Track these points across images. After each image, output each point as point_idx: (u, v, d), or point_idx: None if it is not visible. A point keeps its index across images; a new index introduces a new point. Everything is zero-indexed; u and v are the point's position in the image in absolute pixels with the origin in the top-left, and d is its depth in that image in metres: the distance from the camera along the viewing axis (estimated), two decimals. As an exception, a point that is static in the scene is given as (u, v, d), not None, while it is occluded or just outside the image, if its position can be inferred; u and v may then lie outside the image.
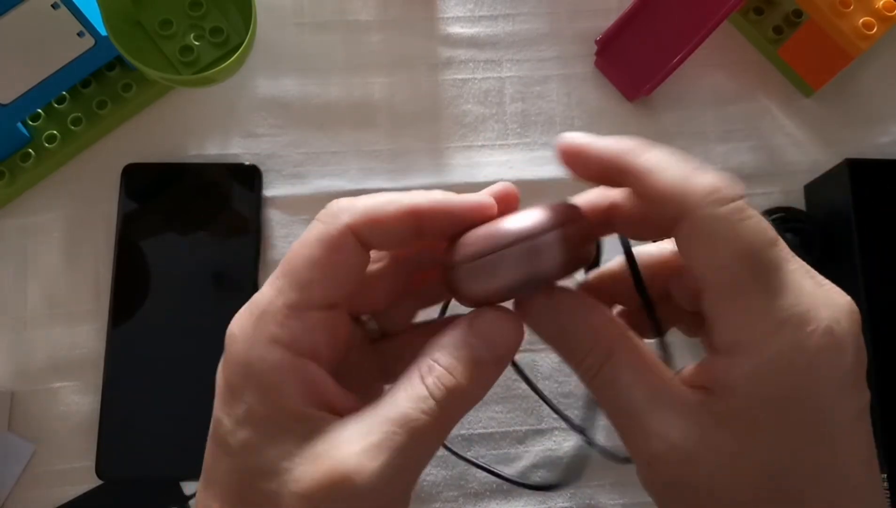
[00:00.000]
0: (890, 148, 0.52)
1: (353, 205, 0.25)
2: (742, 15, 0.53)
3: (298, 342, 0.24)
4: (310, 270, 0.24)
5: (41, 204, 0.49)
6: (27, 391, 0.46)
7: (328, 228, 0.24)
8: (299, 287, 0.24)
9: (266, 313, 0.24)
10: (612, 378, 0.24)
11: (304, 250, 0.24)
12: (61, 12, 0.42)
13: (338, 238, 0.24)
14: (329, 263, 0.24)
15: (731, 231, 0.23)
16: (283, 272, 0.24)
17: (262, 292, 0.24)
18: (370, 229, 0.24)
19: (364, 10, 0.53)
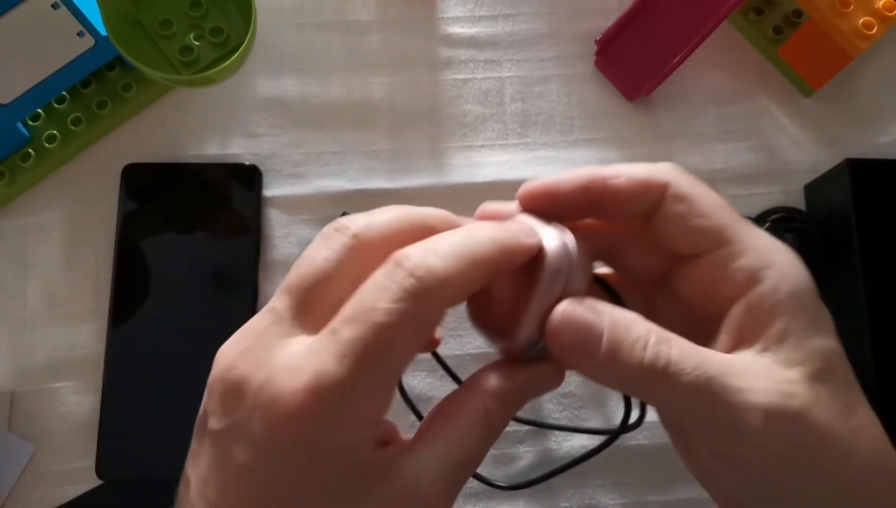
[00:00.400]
0: (890, 148, 0.52)
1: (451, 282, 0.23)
2: (742, 15, 0.53)
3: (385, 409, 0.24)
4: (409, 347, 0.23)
5: (41, 204, 0.49)
6: (27, 391, 0.46)
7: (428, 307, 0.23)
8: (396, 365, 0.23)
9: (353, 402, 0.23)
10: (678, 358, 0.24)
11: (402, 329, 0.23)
12: (61, 12, 0.42)
13: (437, 313, 0.24)
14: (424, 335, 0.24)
15: (710, 196, 0.26)
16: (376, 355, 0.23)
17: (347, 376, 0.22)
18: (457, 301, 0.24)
19: (364, 10, 0.53)
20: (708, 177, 0.51)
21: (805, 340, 0.25)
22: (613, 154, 0.52)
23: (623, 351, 0.24)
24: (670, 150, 0.52)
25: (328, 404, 0.22)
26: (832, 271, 0.49)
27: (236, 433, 0.23)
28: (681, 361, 0.24)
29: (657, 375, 0.23)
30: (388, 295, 0.22)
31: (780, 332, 0.25)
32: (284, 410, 0.22)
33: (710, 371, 0.23)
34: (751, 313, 0.25)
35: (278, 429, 0.23)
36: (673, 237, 0.27)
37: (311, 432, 0.22)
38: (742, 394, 0.23)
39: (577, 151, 0.52)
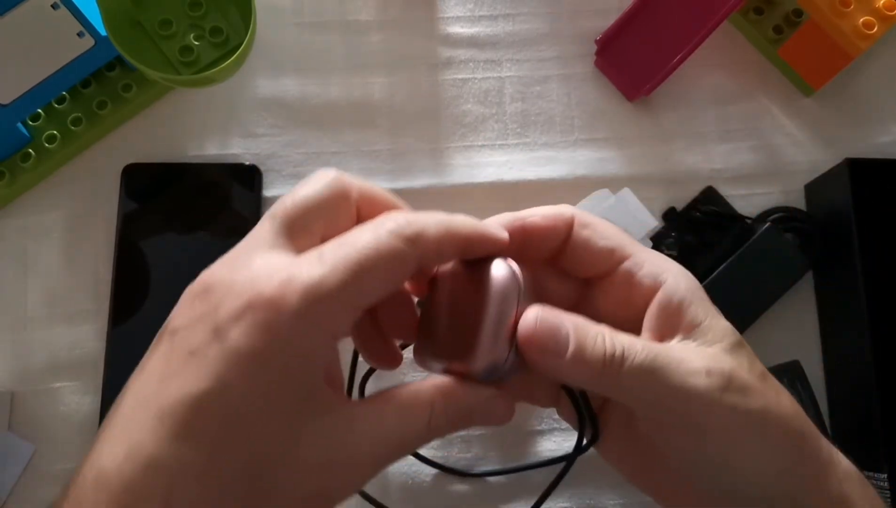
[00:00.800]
0: (890, 148, 0.52)
1: (427, 232, 0.26)
2: (742, 15, 0.53)
3: (339, 332, 0.25)
4: (380, 283, 0.25)
5: (41, 204, 0.49)
6: (27, 391, 0.46)
7: (406, 249, 0.25)
8: (364, 292, 0.25)
9: (326, 305, 0.24)
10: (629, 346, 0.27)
11: (378, 262, 0.25)
12: (61, 12, 0.42)
13: (410, 262, 0.26)
14: (392, 277, 0.26)
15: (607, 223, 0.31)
16: (351, 271, 0.24)
17: (321, 277, 0.24)
18: (434, 257, 0.27)
19: (364, 10, 0.53)
20: (708, 177, 0.51)
21: (712, 323, 0.30)
22: (613, 154, 0.52)
23: (587, 348, 0.27)
24: (670, 150, 0.52)
25: (299, 297, 0.23)
26: (832, 271, 0.49)
27: (198, 322, 0.24)
28: (631, 348, 0.27)
29: (615, 364, 0.27)
30: (376, 237, 0.25)
31: (691, 321, 0.29)
32: (255, 297, 0.23)
33: (655, 351, 0.27)
34: (663, 311, 0.30)
35: (245, 314, 0.23)
36: (584, 261, 0.31)
37: (277, 322, 0.23)
38: (685, 363, 0.27)
39: (577, 151, 0.52)
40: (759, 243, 0.47)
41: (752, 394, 0.28)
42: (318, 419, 0.24)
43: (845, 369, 0.47)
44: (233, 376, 0.23)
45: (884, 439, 0.43)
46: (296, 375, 0.24)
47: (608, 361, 0.27)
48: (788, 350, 0.48)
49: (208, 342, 0.23)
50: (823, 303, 0.50)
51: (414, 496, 0.46)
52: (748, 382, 0.28)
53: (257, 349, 0.23)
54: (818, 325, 0.50)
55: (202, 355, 0.23)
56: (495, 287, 0.28)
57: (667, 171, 0.51)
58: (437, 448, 0.46)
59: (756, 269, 0.47)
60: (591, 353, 0.27)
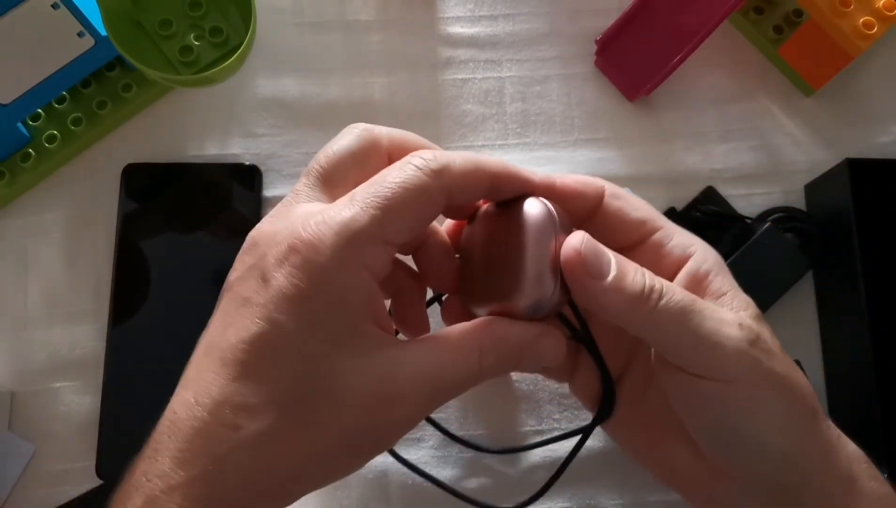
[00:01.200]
0: (890, 148, 0.52)
1: (453, 167, 0.27)
2: (742, 14, 0.53)
3: (376, 269, 0.26)
4: (405, 214, 0.26)
5: (41, 204, 0.49)
6: (27, 391, 0.46)
7: (431, 183, 0.26)
8: (394, 226, 0.26)
9: (359, 239, 0.25)
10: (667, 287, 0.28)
11: (405, 195, 0.26)
12: (61, 12, 0.42)
13: (436, 195, 0.27)
14: (422, 212, 0.27)
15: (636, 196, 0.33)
16: (381, 207, 0.26)
17: (353, 215, 0.25)
18: (461, 192, 0.27)
19: (364, 10, 0.53)
20: (708, 177, 0.51)
21: (737, 294, 0.31)
22: (613, 154, 0.52)
23: (628, 277, 0.28)
24: (670, 150, 0.52)
25: (334, 235, 0.25)
26: (832, 271, 0.49)
27: (248, 273, 0.26)
28: (669, 289, 0.28)
29: (654, 297, 0.27)
30: (403, 173, 0.26)
31: (718, 289, 0.30)
32: (294, 241, 0.25)
33: (692, 296, 0.28)
34: (692, 279, 0.31)
35: (287, 258, 0.25)
36: (616, 230, 0.32)
37: (316, 261, 0.25)
38: (720, 313, 0.29)
39: (577, 151, 0.52)
40: (759, 243, 0.47)
41: (777, 359, 0.29)
42: (365, 355, 0.25)
43: (845, 369, 0.47)
44: (280, 315, 0.25)
45: (884, 439, 0.43)
46: (337, 310, 0.25)
47: (647, 293, 0.27)
48: (788, 350, 0.48)
49: (258, 288, 0.25)
50: (823, 303, 0.50)
51: (414, 496, 0.46)
52: (774, 347, 0.29)
53: (300, 288, 0.25)
54: (818, 325, 0.50)
55: (253, 302, 0.25)
56: (531, 223, 0.28)
57: (667, 171, 0.51)
58: (437, 450, 0.46)
59: (756, 269, 0.47)
60: (632, 281, 0.27)
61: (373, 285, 0.26)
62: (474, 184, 0.28)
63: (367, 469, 0.46)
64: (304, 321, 0.25)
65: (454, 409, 0.47)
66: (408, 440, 0.46)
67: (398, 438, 0.27)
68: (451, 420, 0.47)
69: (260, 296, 0.25)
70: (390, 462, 0.46)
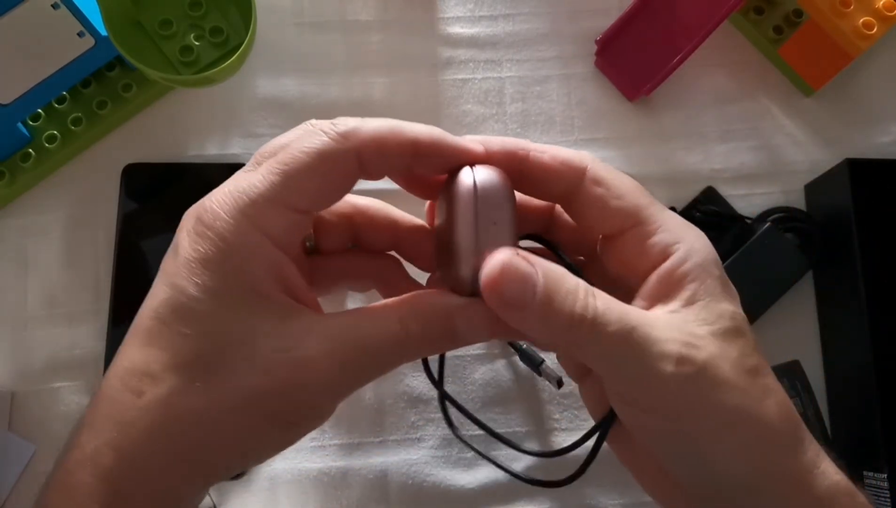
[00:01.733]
0: (890, 148, 0.52)
1: (362, 128, 0.26)
2: (742, 15, 0.53)
3: (277, 234, 0.26)
4: (306, 177, 0.26)
5: (41, 204, 0.49)
6: (27, 391, 0.46)
7: (336, 146, 0.26)
8: (291, 189, 0.26)
9: (255, 202, 0.25)
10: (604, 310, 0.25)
11: (304, 158, 0.26)
12: (61, 12, 0.42)
13: (341, 158, 0.26)
14: (326, 176, 0.26)
15: (626, 180, 0.29)
16: (280, 172, 0.26)
17: (250, 180, 0.26)
18: (374, 156, 0.26)
19: (364, 10, 0.53)
20: (708, 177, 0.51)
21: (712, 304, 0.27)
22: (613, 154, 0.52)
23: (556, 302, 0.25)
24: (670, 150, 0.52)
25: (232, 200, 0.25)
26: (832, 271, 0.49)
27: (170, 246, 0.27)
28: (606, 313, 0.25)
29: (585, 325, 0.25)
30: (306, 138, 0.26)
31: (689, 296, 0.27)
32: (200, 209, 0.26)
33: (632, 323, 0.25)
34: (662, 282, 0.27)
35: (192, 226, 0.26)
36: (594, 219, 0.29)
37: (214, 226, 0.25)
38: (659, 345, 0.25)
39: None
40: (759, 243, 0.47)
41: (728, 390, 0.26)
42: (268, 320, 0.25)
43: (845, 369, 0.47)
44: (182, 281, 0.25)
45: (884, 439, 0.43)
46: (237, 275, 0.25)
47: (577, 322, 0.25)
48: (788, 350, 0.49)
49: (171, 259, 0.26)
50: (823, 303, 0.50)
51: (414, 496, 0.46)
52: (726, 376, 0.26)
53: (200, 252, 0.25)
54: (818, 325, 0.50)
55: (165, 271, 0.26)
56: (459, 197, 0.27)
57: (667, 171, 0.51)
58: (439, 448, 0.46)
59: (756, 269, 0.47)
60: (559, 309, 0.25)
61: (274, 250, 0.26)
62: (391, 149, 0.26)
63: (367, 469, 0.46)
64: (204, 286, 0.25)
65: (454, 409, 0.47)
66: (408, 441, 0.46)
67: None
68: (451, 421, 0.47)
69: (170, 265, 0.26)
70: (390, 462, 0.46)
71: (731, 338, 0.27)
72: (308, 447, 0.46)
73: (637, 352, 0.25)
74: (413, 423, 0.47)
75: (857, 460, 0.45)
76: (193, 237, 0.25)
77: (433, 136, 0.27)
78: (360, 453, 0.46)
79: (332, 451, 0.46)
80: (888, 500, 0.43)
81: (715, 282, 0.28)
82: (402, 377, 0.47)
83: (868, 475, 0.44)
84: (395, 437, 0.47)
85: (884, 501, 0.43)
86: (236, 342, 0.25)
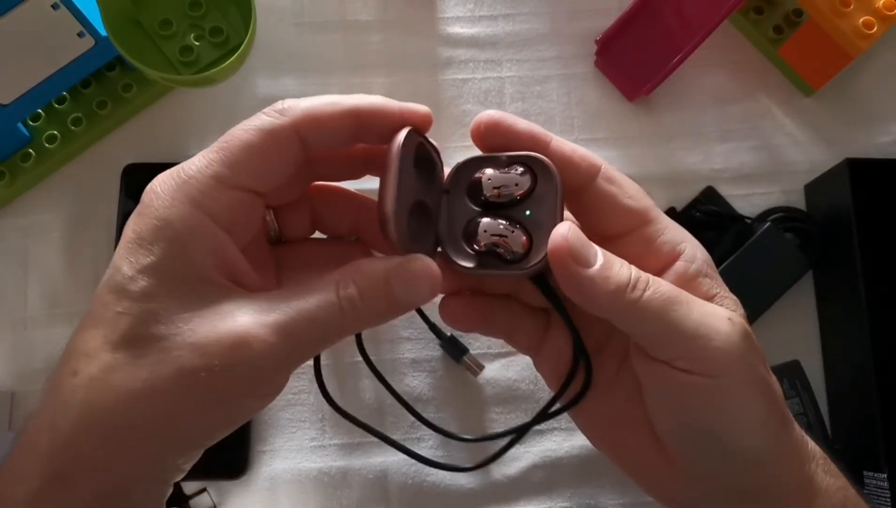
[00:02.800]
0: (890, 148, 0.52)
1: (298, 104, 0.27)
2: (742, 14, 0.53)
3: (218, 214, 0.26)
4: (246, 154, 0.26)
5: (41, 204, 0.49)
6: (27, 391, 0.46)
7: (273, 120, 0.26)
8: (231, 166, 0.26)
9: (192, 179, 0.26)
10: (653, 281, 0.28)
11: (243, 135, 0.26)
12: (61, 12, 0.42)
13: (280, 132, 0.26)
14: (266, 152, 0.26)
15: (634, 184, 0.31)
16: (218, 149, 0.26)
17: (192, 161, 0.26)
18: (313, 128, 0.27)
19: (364, 10, 0.53)
20: (708, 177, 0.51)
21: (726, 295, 0.30)
22: (613, 154, 0.52)
23: (614, 267, 0.27)
24: (670, 150, 0.52)
25: (171, 180, 0.26)
26: (832, 271, 0.49)
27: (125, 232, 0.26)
28: (655, 281, 0.27)
29: (639, 288, 0.27)
30: (256, 118, 0.26)
31: (708, 290, 0.29)
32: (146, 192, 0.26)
33: (678, 290, 0.28)
34: (680, 278, 0.29)
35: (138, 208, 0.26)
36: (604, 214, 0.30)
37: (153, 205, 0.25)
38: (707, 306, 0.28)
39: (577, 151, 0.52)
40: (759, 243, 0.47)
41: (762, 361, 0.28)
42: (204, 298, 0.25)
43: (845, 369, 0.47)
44: (120, 261, 0.25)
45: (884, 439, 0.43)
46: (173, 254, 0.25)
47: (633, 283, 0.27)
48: (788, 350, 0.49)
49: (121, 242, 0.26)
50: (823, 303, 0.50)
51: (414, 496, 0.46)
52: (760, 351, 0.29)
53: (138, 232, 0.25)
54: (818, 325, 0.50)
55: (114, 254, 0.26)
56: (387, 153, 0.27)
57: (667, 171, 0.51)
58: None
59: (756, 269, 0.47)
60: (618, 272, 0.27)
61: (213, 229, 0.26)
62: (329, 121, 0.27)
63: (367, 469, 0.46)
64: (139, 265, 0.25)
65: (454, 408, 0.47)
66: (408, 441, 0.46)
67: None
68: (450, 420, 0.47)
69: (118, 248, 0.26)
70: (390, 462, 0.46)
71: (748, 326, 0.29)
72: (308, 447, 0.46)
73: (690, 310, 0.27)
74: (413, 423, 0.47)
75: (857, 460, 0.45)
76: (135, 218, 0.26)
77: (374, 103, 0.28)
78: (360, 453, 0.46)
79: (332, 451, 0.46)
80: (888, 500, 0.43)
81: (720, 279, 0.30)
82: (402, 377, 0.47)
83: (868, 475, 0.44)
84: (395, 437, 0.47)
85: (884, 501, 0.43)
86: (170, 321, 0.25)
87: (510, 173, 0.29)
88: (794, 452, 0.29)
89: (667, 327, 0.27)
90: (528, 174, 0.29)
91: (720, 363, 0.27)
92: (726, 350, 0.27)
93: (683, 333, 0.27)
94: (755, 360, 0.28)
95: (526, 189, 0.29)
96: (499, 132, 0.30)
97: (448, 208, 0.30)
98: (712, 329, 0.27)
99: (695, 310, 0.27)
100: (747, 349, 0.28)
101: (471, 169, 0.31)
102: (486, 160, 0.31)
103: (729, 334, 0.27)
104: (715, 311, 0.28)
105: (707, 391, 0.27)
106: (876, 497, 0.43)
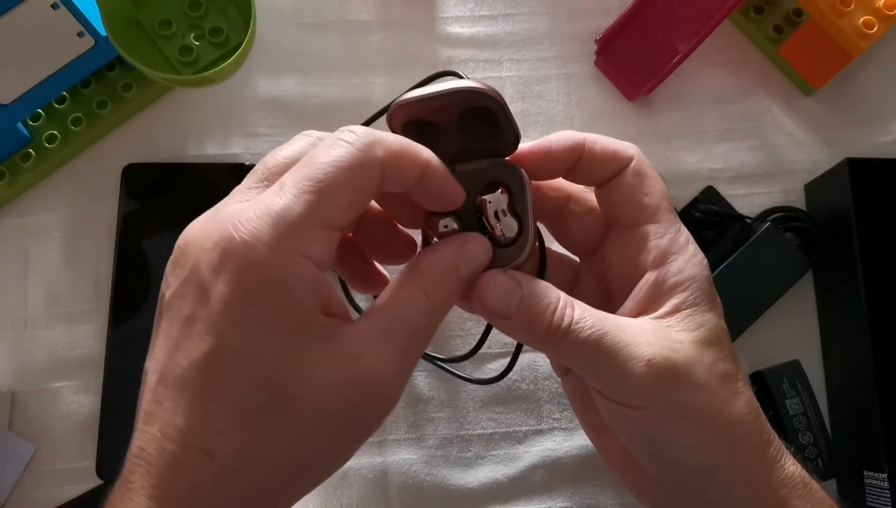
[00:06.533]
0: (890, 148, 0.52)
1: (386, 141, 0.26)
2: (742, 14, 0.53)
3: (319, 257, 0.25)
4: (343, 194, 0.25)
5: (41, 204, 0.49)
6: (27, 391, 0.46)
7: (364, 157, 0.25)
8: (331, 208, 0.25)
9: (296, 229, 0.24)
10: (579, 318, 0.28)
11: (338, 173, 0.25)
12: (61, 12, 0.42)
13: (372, 171, 0.25)
14: (360, 192, 0.26)
15: (660, 182, 0.31)
16: (315, 189, 0.24)
17: (286, 204, 0.24)
18: (393, 169, 0.26)
19: (364, 10, 0.53)
20: (708, 177, 0.51)
21: (696, 314, 0.29)
22: (613, 154, 0.52)
23: (536, 313, 0.28)
24: (670, 149, 0.52)
25: (269, 230, 0.24)
26: (832, 271, 0.49)
27: (185, 287, 0.25)
28: (581, 321, 0.28)
29: (560, 332, 0.28)
30: (334, 151, 0.25)
31: (675, 305, 0.29)
32: (228, 243, 0.24)
33: (605, 329, 0.28)
34: (654, 287, 0.30)
35: (224, 264, 0.24)
36: (618, 205, 0.31)
37: (254, 262, 0.24)
38: (629, 348, 0.28)
39: (577, 151, 0.52)
40: (759, 242, 0.47)
41: (698, 391, 0.28)
42: (321, 344, 0.25)
43: (845, 369, 0.47)
44: (227, 327, 0.24)
45: (884, 439, 0.43)
46: (284, 307, 0.24)
47: (553, 330, 0.28)
48: (788, 350, 0.48)
49: (198, 303, 0.24)
50: (823, 303, 0.50)
51: (414, 495, 0.46)
52: (698, 379, 0.28)
53: (242, 293, 0.24)
54: (818, 325, 0.50)
55: (197, 318, 0.24)
56: None
57: (667, 171, 0.51)
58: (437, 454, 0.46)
59: (756, 269, 0.47)
60: (539, 316, 0.28)
61: (316, 273, 0.25)
62: (406, 166, 0.27)
63: (367, 468, 0.46)
64: (251, 327, 0.24)
65: (454, 409, 0.47)
66: (408, 440, 0.46)
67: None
68: (451, 420, 0.47)
69: (203, 311, 0.24)
70: (390, 462, 0.46)
71: (708, 346, 0.29)
72: (308, 447, 0.46)
73: (609, 354, 0.28)
74: (413, 423, 0.47)
75: (857, 460, 0.45)
76: (228, 277, 0.24)
77: (439, 168, 0.28)
78: (360, 453, 0.46)
79: (332, 451, 0.46)
80: (888, 500, 0.43)
81: (703, 295, 0.30)
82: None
83: (868, 475, 0.44)
84: (395, 437, 0.47)
85: (884, 501, 0.43)
86: (292, 376, 0.24)
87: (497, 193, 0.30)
88: (755, 473, 0.29)
89: (591, 367, 0.28)
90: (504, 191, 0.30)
91: (637, 400, 0.28)
92: (640, 391, 0.28)
93: (604, 373, 0.28)
94: (683, 395, 0.28)
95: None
96: (538, 158, 0.31)
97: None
98: (627, 372, 0.27)
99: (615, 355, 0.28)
100: (667, 388, 0.28)
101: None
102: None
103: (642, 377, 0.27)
104: (635, 353, 0.28)
105: (637, 418, 0.28)
106: (876, 497, 0.43)
